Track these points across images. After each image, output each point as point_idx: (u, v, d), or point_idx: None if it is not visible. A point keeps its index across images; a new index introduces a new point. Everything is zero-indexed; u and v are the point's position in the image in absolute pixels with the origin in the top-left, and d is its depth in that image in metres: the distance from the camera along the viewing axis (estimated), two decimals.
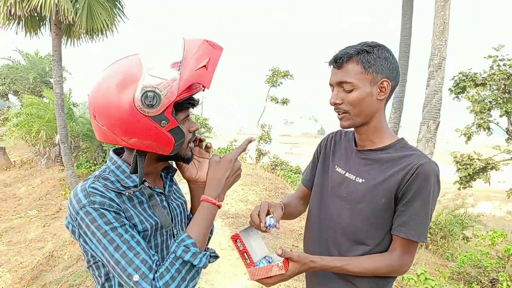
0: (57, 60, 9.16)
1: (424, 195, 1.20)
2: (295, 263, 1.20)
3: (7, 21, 8.48)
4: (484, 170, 10.61)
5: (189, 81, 0.97)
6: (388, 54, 1.25)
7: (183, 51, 0.99)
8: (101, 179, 1.09)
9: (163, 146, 1.03)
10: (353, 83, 1.22)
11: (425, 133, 6.72)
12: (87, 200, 1.02)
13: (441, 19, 6.51)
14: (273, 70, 22.17)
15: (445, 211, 12.33)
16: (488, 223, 14.70)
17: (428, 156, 1.34)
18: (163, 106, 0.97)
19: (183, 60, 0.98)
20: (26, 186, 11.99)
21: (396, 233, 1.24)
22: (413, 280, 4.72)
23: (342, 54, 1.24)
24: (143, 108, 0.96)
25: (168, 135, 1.01)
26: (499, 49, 10.21)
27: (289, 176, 17.36)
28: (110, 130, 1.02)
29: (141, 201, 1.13)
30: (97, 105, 1.02)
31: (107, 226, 1.00)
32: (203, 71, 0.98)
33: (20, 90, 18.55)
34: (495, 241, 8.37)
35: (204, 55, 0.99)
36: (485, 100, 10.53)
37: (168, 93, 0.96)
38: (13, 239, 8.08)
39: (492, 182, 11.18)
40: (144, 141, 1.01)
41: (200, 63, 0.98)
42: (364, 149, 1.34)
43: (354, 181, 1.32)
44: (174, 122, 1.01)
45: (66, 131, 9.42)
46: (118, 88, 0.98)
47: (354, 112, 1.25)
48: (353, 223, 1.30)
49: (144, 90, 0.96)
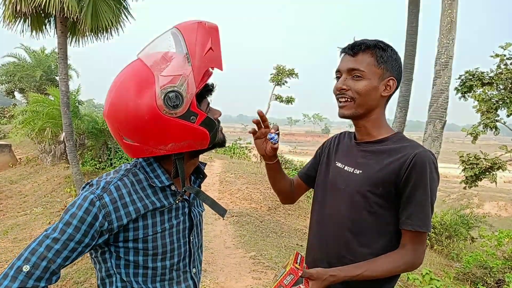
0: (62, 58, 9.18)
1: (424, 184, 1.22)
2: (316, 280, 1.21)
3: (13, 18, 8.52)
4: (491, 169, 10.51)
5: (202, 68, 0.95)
6: (398, 57, 1.31)
7: (184, 41, 0.96)
8: (131, 174, 1.07)
9: (200, 141, 1.01)
10: (364, 72, 1.26)
11: (431, 132, 6.66)
12: (99, 193, 1.00)
13: (448, 17, 6.44)
14: (277, 68, 22.05)
15: (451, 211, 12.26)
16: (494, 224, 14.60)
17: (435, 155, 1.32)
18: (187, 102, 0.95)
19: (188, 50, 0.95)
20: (31, 183, 12.06)
21: (404, 227, 1.25)
22: (418, 281, 4.69)
23: (360, 43, 1.28)
24: (169, 111, 0.94)
25: (201, 128, 0.99)
26: (506, 48, 10.09)
27: (293, 175, 17.35)
28: (143, 144, 0.99)
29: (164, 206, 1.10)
30: (121, 124, 0.98)
31: (65, 226, 0.96)
32: (211, 54, 0.97)
33: (26, 87, 18.67)
34: (502, 242, 8.31)
35: (205, 38, 0.97)
36: (492, 100, 10.42)
37: (188, 87, 0.94)
38: (19, 236, 8.12)
39: (498, 182, 11.08)
40: (181, 143, 0.99)
41: (205, 47, 0.96)
42: (362, 142, 1.38)
43: (352, 173, 1.34)
44: (202, 114, 0.99)
45: (71, 128, 9.45)
46: (136, 101, 0.94)
47: (359, 101, 1.28)
48: (350, 214, 1.31)
49: (164, 92, 0.93)
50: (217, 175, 11.51)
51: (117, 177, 1.05)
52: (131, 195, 1.04)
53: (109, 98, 1.01)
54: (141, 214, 1.04)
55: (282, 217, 8.92)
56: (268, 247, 5.99)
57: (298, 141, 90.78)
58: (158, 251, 1.08)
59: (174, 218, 1.13)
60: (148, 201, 1.06)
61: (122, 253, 1.06)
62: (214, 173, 11.70)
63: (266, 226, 7.60)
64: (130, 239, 1.04)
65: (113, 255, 1.07)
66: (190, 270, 1.20)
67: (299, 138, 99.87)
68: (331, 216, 1.38)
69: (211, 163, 13.38)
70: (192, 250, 1.20)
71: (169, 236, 1.11)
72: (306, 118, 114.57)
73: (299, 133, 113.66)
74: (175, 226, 1.13)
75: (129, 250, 1.05)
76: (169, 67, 0.95)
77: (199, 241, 1.27)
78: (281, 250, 6.01)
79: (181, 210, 1.15)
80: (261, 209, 9.14)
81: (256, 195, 10.01)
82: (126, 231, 1.03)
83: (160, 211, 1.09)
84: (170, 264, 1.12)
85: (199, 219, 1.26)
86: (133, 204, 1.03)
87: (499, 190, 24.75)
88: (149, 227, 1.06)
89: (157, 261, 1.09)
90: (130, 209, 1.02)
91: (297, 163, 20.48)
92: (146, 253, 1.07)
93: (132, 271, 1.07)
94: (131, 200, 1.03)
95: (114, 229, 1.01)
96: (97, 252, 1.08)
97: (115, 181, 1.04)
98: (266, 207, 9.26)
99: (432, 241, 10.11)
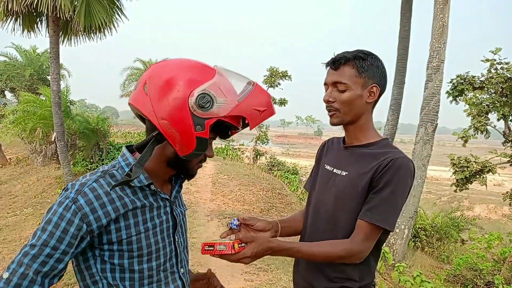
0: (54, 58, 9.10)
1: (393, 184, 1.28)
2: (252, 243, 1.24)
3: (4, 17, 8.43)
4: (481, 172, 10.64)
5: (242, 112, 1.03)
6: (380, 63, 1.39)
7: (252, 88, 1.06)
8: (108, 175, 1.08)
9: (184, 145, 1.04)
10: (347, 84, 1.35)
11: (423, 135, 6.72)
12: (73, 196, 1.01)
13: (440, 21, 6.52)
14: (270, 70, 22.04)
15: (441, 213, 12.38)
16: (484, 226, 14.78)
17: (426, 158, 1.34)
18: (209, 115, 1.00)
19: (248, 94, 1.04)
20: (21, 183, 11.92)
21: (361, 218, 1.30)
22: (409, 283, 4.72)
23: (340, 57, 1.36)
24: (193, 105, 1.00)
25: (193, 140, 1.02)
26: (497, 53, 10.23)
27: (286, 176, 17.38)
28: (152, 100, 1.03)
29: (144, 206, 1.11)
30: (157, 76, 1.04)
31: (41, 232, 0.98)
32: (256, 113, 1.05)
33: (16, 87, 18.46)
34: (491, 244, 8.41)
35: (263, 104, 1.06)
36: (483, 103, 10.56)
37: (221, 107, 1.01)
38: (8, 237, 8.02)
39: (488, 185, 11.22)
40: (172, 129, 1.02)
41: (258, 106, 1.05)
42: (351, 146, 1.46)
43: (340, 175, 1.42)
44: (206, 133, 1.02)
45: (63, 129, 9.37)
46: (184, 77, 1.02)
47: (344, 110, 1.38)
48: (337, 213, 1.39)
49: (205, 92, 1.00)
50: (209, 177, 11.48)
51: (93, 178, 1.06)
52: (109, 195, 1.04)
53: (169, 59, 1.13)
54: (121, 213, 1.05)
55: (275, 218, 8.92)
56: None
57: (291, 143, 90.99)
58: (143, 251, 1.08)
59: (157, 217, 1.14)
60: (127, 200, 1.07)
61: (107, 256, 1.06)
62: (207, 175, 11.67)
63: None
64: (114, 241, 1.04)
65: (97, 259, 1.06)
66: (178, 271, 1.20)
67: (292, 140, 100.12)
68: (320, 216, 1.46)
69: (204, 164, 13.35)
70: (178, 250, 1.20)
71: (153, 236, 1.11)
72: (299, 120, 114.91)
73: (292, 135, 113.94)
74: (158, 226, 1.14)
75: (114, 253, 1.05)
76: (225, 87, 1.03)
77: (185, 241, 1.27)
78: None
79: (162, 209, 1.16)
80: (254, 210, 9.14)
81: (248, 197, 10.01)
82: (108, 233, 1.04)
83: (142, 210, 1.10)
84: (156, 265, 1.12)
85: (182, 218, 1.27)
86: (111, 204, 1.04)
87: (489, 193, 25.05)
88: (132, 227, 1.07)
89: (143, 263, 1.09)
90: (108, 209, 1.03)
91: (289, 165, 20.53)
92: (131, 255, 1.07)
93: (118, 275, 1.07)
94: (108, 200, 1.03)
95: (95, 230, 1.01)
96: (79, 261, 1.08)
97: (90, 183, 1.04)
98: (258, 208, 9.26)
99: (423, 243, 10.20)
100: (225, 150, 21.73)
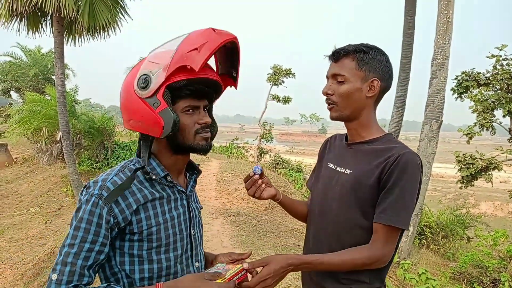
0: (59, 57, 9.14)
1: (403, 182, 1.24)
2: (270, 264, 1.15)
3: (9, 17, 8.47)
4: (487, 169, 10.57)
5: (176, 63, 1.02)
6: (383, 58, 1.34)
7: (183, 38, 1.05)
8: (127, 169, 1.12)
9: (152, 127, 1.06)
10: (345, 76, 1.32)
11: (428, 132, 6.68)
12: (98, 192, 1.05)
13: (445, 17, 6.47)
14: (274, 68, 21.97)
15: (447, 211, 12.31)
16: (490, 223, 14.68)
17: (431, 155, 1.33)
18: (153, 88, 1.04)
19: (179, 46, 1.03)
20: (27, 183, 12.01)
21: (377, 221, 1.26)
22: (414, 280, 4.71)
23: (340, 49, 1.35)
24: (138, 91, 1.05)
25: (157, 116, 1.05)
26: (502, 49, 10.14)
27: (290, 174, 17.37)
28: (123, 115, 1.13)
29: (162, 197, 1.15)
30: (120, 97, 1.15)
31: (75, 231, 1.03)
32: (194, 53, 1.02)
33: (22, 87, 18.56)
34: (497, 242, 8.35)
35: (200, 40, 1.03)
36: (488, 100, 10.47)
37: (158, 76, 1.03)
38: (15, 236, 8.09)
39: (494, 182, 11.14)
40: (138, 122, 1.08)
41: (192, 46, 1.02)
42: (353, 143, 1.42)
43: (344, 173, 1.39)
44: (164, 104, 1.05)
45: (68, 128, 9.41)
46: (130, 78, 1.10)
47: (342, 104, 1.34)
48: (342, 212, 1.35)
49: (140, 74, 1.06)
50: (214, 175, 11.50)
51: (113, 173, 1.10)
52: (129, 188, 1.09)
53: None
54: (141, 204, 1.09)
55: (279, 216, 8.92)
56: (265, 247, 6.01)
57: (295, 141, 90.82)
58: (162, 242, 1.12)
59: (174, 210, 1.17)
60: (147, 192, 1.11)
61: (127, 247, 1.09)
62: (211, 173, 11.69)
63: (263, 226, 7.61)
64: (135, 231, 1.08)
65: (117, 252, 1.10)
66: (193, 264, 1.23)
67: (296, 138, 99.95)
68: (325, 215, 1.42)
69: (208, 162, 13.37)
70: (195, 244, 1.23)
71: (171, 227, 1.15)
72: (303, 118, 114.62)
73: (296, 133, 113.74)
74: (176, 218, 1.17)
75: (134, 244, 1.09)
76: (157, 57, 1.06)
77: (201, 236, 1.30)
78: (278, 249, 6.02)
79: (179, 201, 1.20)
80: (258, 208, 9.14)
81: None
82: (130, 224, 1.08)
83: (160, 202, 1.14)
84: (174, 256, 1.15)
85: (198, 213, 1.30)
86: (132, 196, 1.08)
87: (495, 190, 24.85)
88: (152, 218, 1.10)
89: (160, 253, 1.12)
90: (130, 200, 1.07)
91: (294, 163, 20.51)
92: (150, 246, 1.10)
93: (137, 267, 1.10)
94: (130, 192, 1.08)
95: (120, 222, 1.06)
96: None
97: (111, 177, 1.08)
98: (263, 206, 9.27)
99: (428, 241, 10.15)
100: (230, 148, 21.75)
